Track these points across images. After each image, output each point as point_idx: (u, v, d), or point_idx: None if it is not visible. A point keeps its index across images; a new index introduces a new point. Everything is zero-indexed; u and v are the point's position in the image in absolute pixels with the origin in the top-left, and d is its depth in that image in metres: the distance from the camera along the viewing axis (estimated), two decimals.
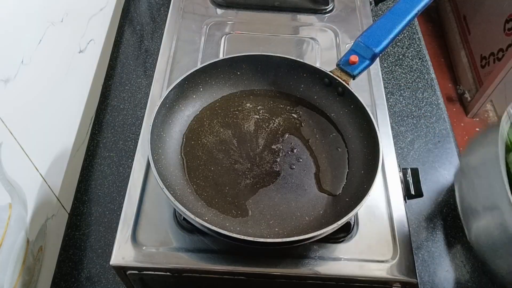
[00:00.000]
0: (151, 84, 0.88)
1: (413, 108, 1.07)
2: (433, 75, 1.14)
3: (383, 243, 0.69)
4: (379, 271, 0.66)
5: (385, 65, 1.16)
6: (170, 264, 0.65)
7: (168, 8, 1.06)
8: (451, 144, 1.01)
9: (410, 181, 0.76)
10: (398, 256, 0.67)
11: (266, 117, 0.80)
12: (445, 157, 0.98)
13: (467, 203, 0.61)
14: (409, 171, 0.77)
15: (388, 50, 1.19)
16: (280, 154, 0.75)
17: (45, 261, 0.80)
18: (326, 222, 0.66)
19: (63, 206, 0.88)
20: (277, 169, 0.73)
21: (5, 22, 0.65)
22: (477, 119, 2.33)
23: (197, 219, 0.59)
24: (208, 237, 0.68)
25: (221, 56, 0.96)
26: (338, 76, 0.77)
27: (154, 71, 0.90)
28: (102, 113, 1.00)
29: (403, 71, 1.15)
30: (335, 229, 0.61)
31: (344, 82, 0.76)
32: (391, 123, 0.86)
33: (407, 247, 0.69)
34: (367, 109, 0.73)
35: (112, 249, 0.66)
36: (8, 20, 0.66)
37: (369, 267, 0.66)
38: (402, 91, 1.10)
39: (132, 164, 0.76)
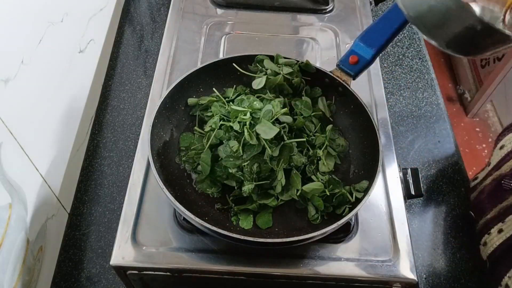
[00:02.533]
0: (151, 84, 0.88)
1: (413, 108, 1.07)
2: (433, 75, 1.14)
3: (383, 243, 0.69)
4: (379, 271, 0.66)
5: (385, 65, 1.16)
6: (170, 264, 0.65)
7: (168, 8, 1.06)
8: (451, 144, 1.01)
9: (410, 181, 0.76)
10: (398, 256, 0.68)
11: None
12: (445, 157, 0.98)
13: None
14: (409, 171, 0.77)
15: (388, 50, 1.20)
16: None
17: (45, 261, 0.80)
18: (326, 222, 0.66)
19: (63, 206, 0.88)
20: None
21: (5, 22, 0.65)
22: (477, 119, 2.33)
23: (197, 219, 0.59)
24: (208, 237, 0.68)
25: (221, 56, 0.96)
26: (338, 76, 0.77)
27: (154, 71, 0.90)
28: (102, 113, 1.00)
29: (403, 71, 1.15)
30: (335, 229, 0.62)
31: (344, 82, 0.76)
32: (391, 123, 0.86)
33: (407, 247, 0.69)
34: (367, 109, 0.73)
35: (112, 249, 0.66)
36: (8, 20, 0.66)
37: (369, 267, 0.66)
38: (402, 91, 1.10)
39: (132, 164, 0.76)
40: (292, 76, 0.76)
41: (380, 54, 0.79)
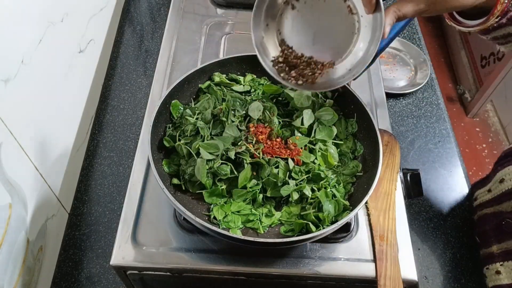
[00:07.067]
0: (151, 84, 0.88)
1: (413, 108, 1.07)
2: (433, 75, 1.14)
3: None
4: None
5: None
6: (170, 264, 0.65)
7: (168, 8, 1.06)
8: (451, 144, 1.01)
9: (411, 184, 0.76)
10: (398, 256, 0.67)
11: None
12: (445, 157, 0.98)
13: None
14: (409, 173, 0.77)
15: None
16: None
17: (45, 261, 0.80)
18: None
19: (63, 206, 0.88)
20: None
21: (5, 22, 0.65)
22: (477, 119, 2.33)
23: (197, 219, 0.59)
24: (208, 237, 0.68)
25: (221, 56, 0.96)
26: None
27: (154, 71, 0.90)
28: (102, 113, 1.00)
29: None
30: (335, 229, 0.62)
31: None
32: (391, 123, 0.86)
33: (407, 247, 0.69)
34: (367, 109, 0.73)
35: (112, 249, 0.66)
36: (8, 20, 0.66)
37: (369, 267, 0.66)
38: None
39: (132, 164, 0.76)
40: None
41: (380, 54, 0.79)
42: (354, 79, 0.78)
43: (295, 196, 0.66)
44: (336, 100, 0.78)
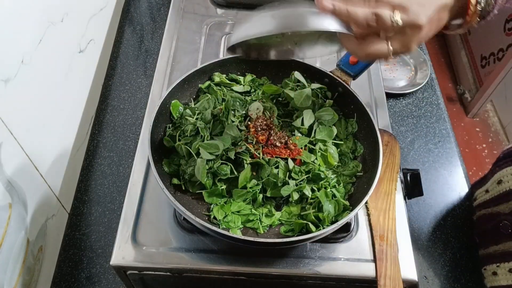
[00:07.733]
0: (151, 84, 0.88)
1: (413, 108, 1.07)
2: (433, 75, 1.14)
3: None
4: None
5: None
6: (170, 264, 0.65)
7: (168, 8, 1.06)
8: (451, 144, 1.01)
9: (411, 182, 0.76)
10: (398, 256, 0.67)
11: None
12: (445, 157, 0.98)
13: None
14: (409, 173, 0.77)
15: None
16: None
17: (45, 261, 0.80)
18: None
19: (63, 206, 0.88)
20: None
21: (5, 22, 0.65)
22: (477, 119, 2.33)
23: (197, 219, 0.59)
24: (208, 237, 0.68)
25: (221, 56, 0.96)
26: (338, 77, 0.77)
27: (154, 71, 0.90)
28: (102, 113, 1.00)
29: None
30: (335, 229, 0.62)
31: (344, 82, 0.76)
32: (391, 123, 0.86)
33: (407, 247, 0.69)
34: (367, 109, 0.73)
35: (112, 249, 0.66)
36: (8, 20, 0.66)
37: (369, 267, 0.66)
38: None
39: (132, 164, 0.76)
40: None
41: None
42: (354, 79, 0.78)
43: (295, 196, 0.66)
44: (336, 100, 0.78)
